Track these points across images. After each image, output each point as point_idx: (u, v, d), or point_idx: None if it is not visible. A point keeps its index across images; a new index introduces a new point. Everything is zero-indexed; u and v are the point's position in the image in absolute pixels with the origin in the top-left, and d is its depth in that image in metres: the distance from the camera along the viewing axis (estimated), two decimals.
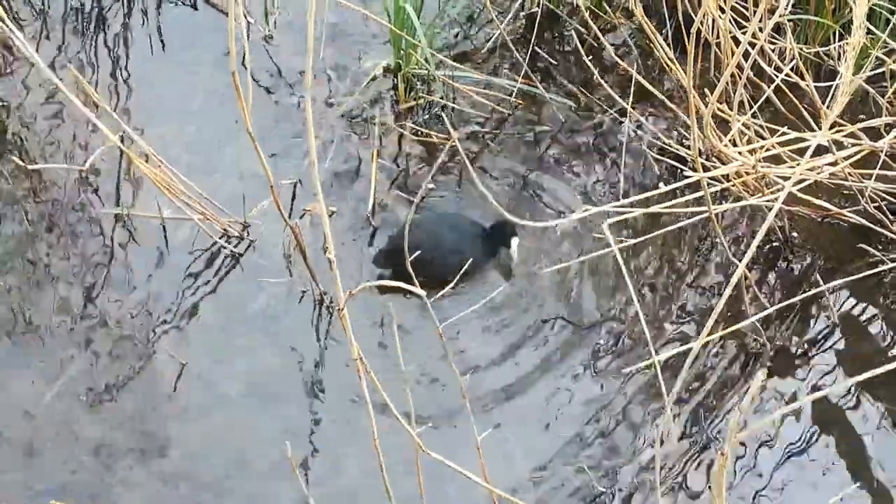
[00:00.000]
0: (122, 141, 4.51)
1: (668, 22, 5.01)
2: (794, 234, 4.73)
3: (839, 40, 4.93)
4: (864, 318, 4.57)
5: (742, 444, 4.16)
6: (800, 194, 4.42)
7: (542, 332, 4.49)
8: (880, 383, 4.36)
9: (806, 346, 4.47)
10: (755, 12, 4.14)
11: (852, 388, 4.34)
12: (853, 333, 4.52)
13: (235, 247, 4.64)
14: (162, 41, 5.30)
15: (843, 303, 4.58)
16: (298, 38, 5.27)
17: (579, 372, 4.38)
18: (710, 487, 4.03)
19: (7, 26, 4.21)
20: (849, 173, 4.42)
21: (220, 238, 4.63)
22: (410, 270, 3.47)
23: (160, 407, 4.24)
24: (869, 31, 4.43)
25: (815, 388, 4.31)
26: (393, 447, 3.46)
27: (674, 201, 4.20)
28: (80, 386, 4.26)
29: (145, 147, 4.45)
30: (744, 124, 4.33)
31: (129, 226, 4.68)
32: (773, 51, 4.65)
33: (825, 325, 4.54)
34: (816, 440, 4.24)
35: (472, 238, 4.53)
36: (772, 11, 4.19)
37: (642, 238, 4.47)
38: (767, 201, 4.31)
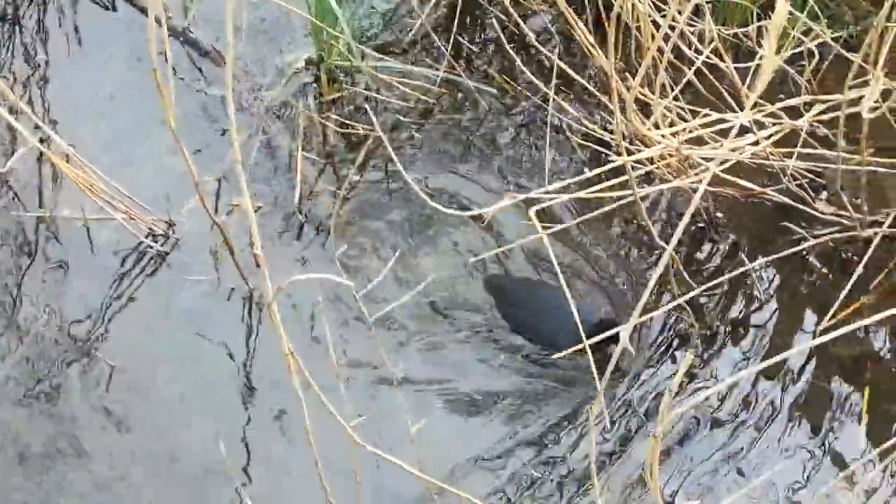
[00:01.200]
0: (41, 142, 4.44)
1: (588, 7, 5.03)
2: (719, 215, 4.78)
3: (757, 20, 4.98)
4: (790, 294, 4.63)
5: (674, 425, 4.20)
6: (723, 175, 4.46)
7: (474, 320, 4.49)
8: (810, 357, 4.43)
9: (734, 324, 4.52)
10: None
11: (781, 364, 4.39)
12: (780, 310, 4.57)
13: (161, 246, 4.59)
14: (79, 39, 5.22)
15: (770, 281, 4.63)
16: (218, 32, 5.21)
17: (512, 360, 4.40)
18: (643, 469, 4.06)
19: None
20: (770, 153, 4.47)
21: (145, 237, 4.58)
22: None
23: (91, 411, 4.18)
24: None
25: (743, 366, 4.36)
26: (329, 442, 3.44)
27: (599, 186, 4.22)
28: (9, 392, 4.19)
29: (66, 147, 4.39)
30: (666, 107, 4.36)
31: (52, 228, 4.62)
32: (692, 33, 4.68)
33: (752, 303, 4.59)
34: (748, 418, 4.29)
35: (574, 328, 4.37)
36: None
37: (569, 223, 4.49)
38: (692, 183, 4.35)
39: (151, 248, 4.57)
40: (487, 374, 4.36)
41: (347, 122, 5.00)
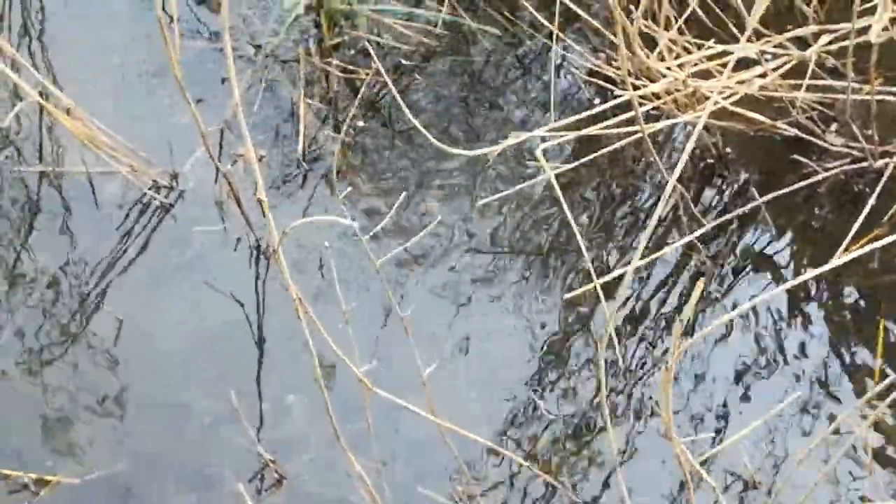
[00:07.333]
0: (42, 96, 4.41)
1: None
2: (728, 150, 4.74)
3: None
4: (802, 228, 4.60)
5: (685, 357, 4.18)
6: (731, 108, 4.41)
7: (482, 262, 4.47)
8: (823, 290, 4.41)
9: (746, 259, 4.49)
10: None
11: (793, 296, 4.37)
12: (792, 245, 4.55)
13: (166, 198, 4.57)
14: None
15: (781, 215, 4.60)
16: None
17: (521, 300, 4.37)
18: (656, 403, 4.05)
19: None
20: (779, 85, 4.41)
21: (149, 189, 4.55)
22: None
23: (101, 365, 4.18)
24: None
25: (754, 297, 4.34)
26: (340, 388, 3.44)
27: (606, 122, 4.17)
28: (17, 351, 4.18)
29: (66, 101, 4.36)
30: (671, 40, 4.31)
31: (55, 183, 4.60)
32: None
33: (764, 238, 4.56)
34: (760, 350, 4.27)
35: None
36: None
37: (577, 163, 4.45)
38: (699, 117, 4.30)
39: (156, 199, 4.55)
40: (497, 315, 4.34)
41: (350, 66, 4.96)
